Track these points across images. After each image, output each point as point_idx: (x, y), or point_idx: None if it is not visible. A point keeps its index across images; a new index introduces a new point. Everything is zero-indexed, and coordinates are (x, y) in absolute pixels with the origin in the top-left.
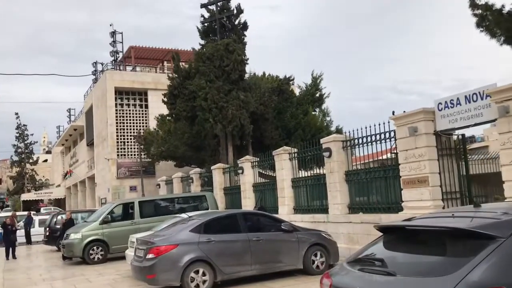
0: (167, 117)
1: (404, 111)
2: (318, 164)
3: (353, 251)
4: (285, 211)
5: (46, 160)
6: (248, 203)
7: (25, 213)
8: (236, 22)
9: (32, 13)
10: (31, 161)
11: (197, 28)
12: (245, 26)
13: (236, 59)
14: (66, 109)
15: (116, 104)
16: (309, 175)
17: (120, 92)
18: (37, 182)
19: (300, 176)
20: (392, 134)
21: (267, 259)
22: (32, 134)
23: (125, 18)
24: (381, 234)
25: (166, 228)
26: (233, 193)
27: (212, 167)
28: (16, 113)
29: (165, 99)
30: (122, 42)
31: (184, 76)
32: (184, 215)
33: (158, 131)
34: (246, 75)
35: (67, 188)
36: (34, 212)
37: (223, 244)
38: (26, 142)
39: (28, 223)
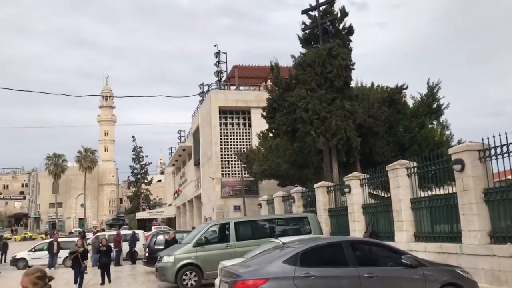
0: (267, 132)
1: None
2: (441, 182)
3: None
4: (403, 238)
5: (160, 181)
6: (357, 227)
7: (130, 232)
8: (340, 27)
9: (149, 44)
10: (145, 181)
11: (298, 36)
12: (350, 30)
13: (340, 64)
14: (177, 131)
15: (220, 124)
16: (432, 194)
17: (224, 112)
18: (151, 202)
19: (421, 196)
20: None
21: None
22: (147, 156)
23: (233, 44)
24: None
25: (257, 256)
26: (339, 215)
27: (315, 186)
28: (133, 136)
29: (264, 113)
30: (226, 62)
31: (283, 88)
32: (277, 241)
33: (260, 148)
34: (352, 83)
35: (177, 207)
36: (137, 232)
37: (326, 281)
38: (141, 163)
39: (133, 242)
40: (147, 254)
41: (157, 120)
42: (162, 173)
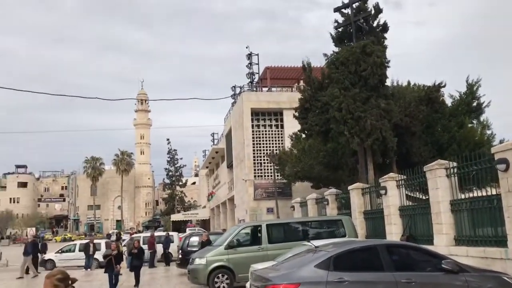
0: (300, 134)
1: None
2: (483, 183)
3: None
4: (442, 242)
5: (194, 183)
6: (394, 230)
7: (164, 233)
8: (374, 24)
9: (183, 48)
10: (180, 183)
11: (330, 34)
12: (384, 27)
13: (374, 62)
14: (210, 133)
15: (252, 125)
16: (474, 195)
17: (256, 113)
18: (185, 204)
19: (461, 197)
20: None
21: None
22: (181, 158)
23: (266, 46)
24: None
25: (289, 260)
26: (375, 217)
27: (350, 187)
28: (168, 139)
29: (296, 114)
30: (258, 64)
31: (316, 87)
32: (310, 244)
33: (292, 150)
34: (388, 82)
35: (211, 209)
36: (172, 233)
37: (360, 287)
38: (176, 165)
39: (167, 243)
40: (180, 256)
41: (191, 124)
42: (196, 175)
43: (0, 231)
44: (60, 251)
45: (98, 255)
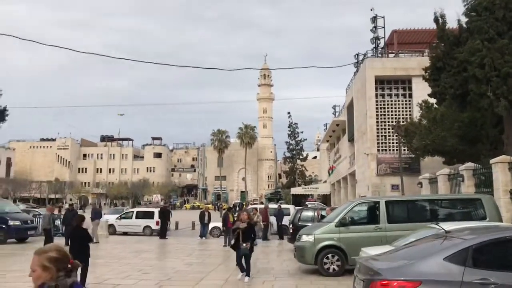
0: (430, 103)
1: None
2: None
3: None
4: None
5: (315, 157)
6: None
7: (276, 206)
8: None
9: (306, 22)
10: (301, 157)
11: None
12: None
13: None
14: (331, 106)
15: (376, 95)
16: None
17: (380, 82)
18: (306, 178)
19: None
20: None
21: None
22: (302, 132)
23: (394, 17)
24: None
25: (409, 246)
26: None
27: (492, 161)
28: (288, 112)
29: (427, 75)
30: (384, 27)
31: (451, 42)
32: (438, 227)
33: (421, 120)
34: None
35: (332, 184)
36: (288, 206)
37: None
38: (296, 139)
39: (279, 216)
40: (291, 231)
41: (312, 99)
42: (318, 150)
43: (137, 197)
44: (119, 218)
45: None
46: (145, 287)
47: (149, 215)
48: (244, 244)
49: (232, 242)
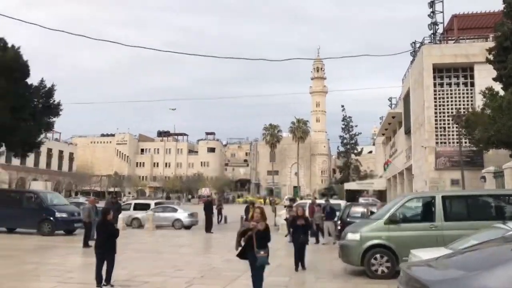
0: (496, 87)
1: None
2: None
3: None
4: None
5: (371, 152)
6: None
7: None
8: None
9: (361, 14)
10: (355, 151)
11: None
12: None
13: None
14: (387, 98)
15: (434, 84)
16: None
17: (439, 70)
18: (361, 173)
19: None
20: None
21: None
22: (356, 126)
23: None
24: None
25: (470, 251)
26: None
27: None
28: (342, 106)
29: (491, 57)
30: (443, 12)
31: None
32: (506, 227)
33: (485, 109)
34: None
35: (388, 180)
36: (339, 202)
37: None
38: (351, 133)
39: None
40: (339, 227)
41: (367, 92)
42: (374, 144)
43: (191, 191)
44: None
45: None
46: (174, 285)
47: (146, 208)
48: (262, 252)
49: (239, 248)
